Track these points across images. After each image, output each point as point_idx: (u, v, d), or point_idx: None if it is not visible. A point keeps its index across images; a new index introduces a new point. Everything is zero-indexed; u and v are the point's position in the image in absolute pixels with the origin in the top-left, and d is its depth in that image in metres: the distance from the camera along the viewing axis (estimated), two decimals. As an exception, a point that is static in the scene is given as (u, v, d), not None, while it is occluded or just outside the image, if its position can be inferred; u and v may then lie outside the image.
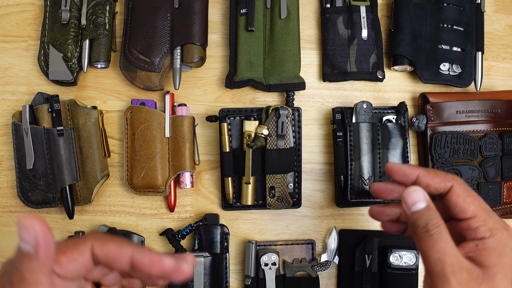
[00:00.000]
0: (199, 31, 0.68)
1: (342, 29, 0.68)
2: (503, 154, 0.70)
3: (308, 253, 0.70)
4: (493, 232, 0.39)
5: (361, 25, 0.69)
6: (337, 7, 0.69)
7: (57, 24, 0.68)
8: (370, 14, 0.70)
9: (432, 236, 0.38)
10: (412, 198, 0.40)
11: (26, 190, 0.66)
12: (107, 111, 0.71)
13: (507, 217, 0.71)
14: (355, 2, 0.68)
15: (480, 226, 0.39)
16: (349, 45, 0.68)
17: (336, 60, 0.67)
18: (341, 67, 0.68)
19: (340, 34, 0.68)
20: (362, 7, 0.69)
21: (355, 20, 0.69)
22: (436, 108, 0.70)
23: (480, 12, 0.74)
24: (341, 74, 0.68)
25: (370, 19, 0.70)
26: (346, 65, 0.68)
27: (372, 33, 0.70)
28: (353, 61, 0.67)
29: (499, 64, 0.77)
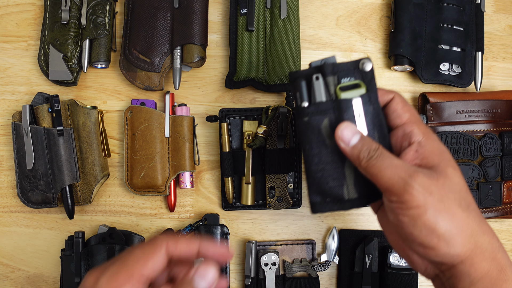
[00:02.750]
0: (199, 31, 0.68)
1: (330, 136, 0.43)
2: (503, 154, 0.70)
3: (308, 253, 0.70)
4: (426, 134, 0.42)
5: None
6: (319, 105, 0.43)
7: (57, 24, 0.68)
8: (368, 107, 0.43)
9: (378, 157, 0.40)
10: (348, 134, 0.41)
11: (26, 190, 0.66)
12: (107, 111, 0.71)
13: (507, 217, 0.72)
14: (344, 94, 0.43)
15: (413, 129, 0.42)
16: (343, 161, 0.44)
17: (327, 185, 0.44)
18: (335, 193, 0.44)
19: (327, 145, 0.43)
20: (356, 100, 0.43)
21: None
22: (436, 108, 0.70)
23: (480, 12, 0.74)
24: (336, 202, 0.45)
25: (370, 114, 0.44)
26: (342, 191, 0.44)
27: (374, 134, 0.44)
28: (351, 183, 0.44)
29: (499, 64, 0.77)
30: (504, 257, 0.39)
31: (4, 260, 0.68)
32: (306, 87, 0.43)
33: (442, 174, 0.39)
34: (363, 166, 0.41)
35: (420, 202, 0.37)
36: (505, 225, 0.74)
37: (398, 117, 0.43)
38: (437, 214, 0.37)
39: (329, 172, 0.43)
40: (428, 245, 0.38)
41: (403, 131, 0.42)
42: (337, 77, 0.43)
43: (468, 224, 0.38)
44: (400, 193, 0.38)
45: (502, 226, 0.74)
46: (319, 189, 0.44)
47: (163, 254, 0.35)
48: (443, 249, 0.37)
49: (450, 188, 0.39)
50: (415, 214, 0.37)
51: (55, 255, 0.69)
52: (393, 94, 0.44)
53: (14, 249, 0.69)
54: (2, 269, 0.68)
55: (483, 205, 0.70)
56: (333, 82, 0.43)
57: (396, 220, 0.39)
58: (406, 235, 0.39)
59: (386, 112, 0.44)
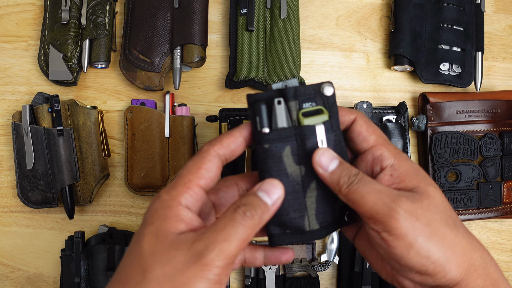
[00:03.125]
0: (199, 31, 0.68)
1: (292, 165, 0.40)
2: (503, 154, 0.70)
3: (308, 253, 0.70)
4: (397, 156, 0.40)
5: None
6: (281, 131, 0.40)
7: (57, 24, 0.68)
8: (331, 134, 0.41)
9: (359, 183, 0.37)
10: (326, 159, 0.39)
11: (26, 190, 0.66)
12: (107, 111, 0.71)
13: (507, 217, 0.72)
14: (307, 120, 0.40)
15: (383, 152, 0.40)
16: (304, 190, 0.41)
17: (288, 216, 0.40)
18: (295, 225, 0.41)
19: (289, 174, 0.40)
20: (319, 127, 0.40)
21: (311, 149, 0.41)
22: (436, 108, 0.70)
23: (480, 12, 0.74)
24: (296, 234, 0.42)
25: (332, 142, 0.41)
26: (303, 222, 0.41)
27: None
28: (312, 214, 0.41)
29: (499, 64, 0.77)
30: (496, 271, 0.38)
31: (4, 260, 0.68)
32: (266, 112, 0.40)
33: (425, 195, 0.37)
34: (343, 193, 0.38)
35: (408, 229, 0.35)
36: (505, 225, 0.74)
37: (364, 140, 0.41)
38: (427, 239, 0.35)
39: (289, 202, 0.40)
40: (425, 272, 0.36)
41: (372, 155, 0.40)
42: (299, 101, 0.40)
43: (459, 243, 0.37)
44: (385, 221, 0.36)
45: (502, 226, 0.74)
46: (278, 220, 0.41)
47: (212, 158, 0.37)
48: (441, 274, 0.36)
49: (436, 209, 0.37)
50: (406, 245, 0.35)
51: (55, 255, 0.69)
52: (355, 114, 0.41)
53: (14, 249, 0.69)
54: (2, 269, 0.68)
55: (483, 205, 0.70)
56: (295, 107, 0.40)
57: (387, 253, 0.37)
58: (401, 265, 0.37)
59: (350, 136, 0.41)
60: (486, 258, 0.38)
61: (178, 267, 0.32)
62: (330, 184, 0.39)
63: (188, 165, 0.37)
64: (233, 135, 0.38)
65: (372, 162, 0.40)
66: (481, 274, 0.37)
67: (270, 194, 0.36)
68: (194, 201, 0.36)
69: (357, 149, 0.41)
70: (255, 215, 0.34)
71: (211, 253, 0.32)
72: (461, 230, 0.38)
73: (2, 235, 0.69)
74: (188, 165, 0.37)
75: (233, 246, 0.32)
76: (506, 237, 0.74)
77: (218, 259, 0.32)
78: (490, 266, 0.38)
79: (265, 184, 0.36)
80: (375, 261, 0.43)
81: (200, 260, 0.32)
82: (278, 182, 0.37)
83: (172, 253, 0.33)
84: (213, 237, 0.33)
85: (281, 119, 0.40)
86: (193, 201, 0.35)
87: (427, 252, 0.35)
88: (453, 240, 0.37)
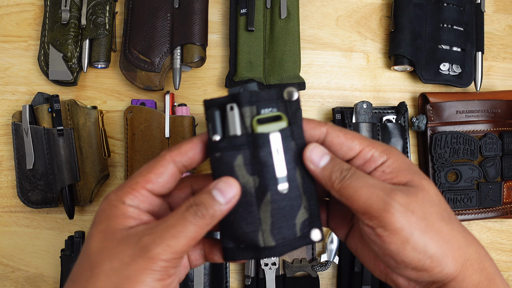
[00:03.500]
0: (199, 31, 0.68)
1: (244, 176, 0.37)
2: (503, 154, 0.70)
3: (308, 253, 0.70)
4: (387, 152, 0.38)
5: (273, 166, 0.37)
6: (233, 139, 0.37)
7: (57, 24, 0.68)
8: (289, 143, 0.38)
9: (351, 177, 0.36)
10: (317, 154, 0.38)
11: (26, 190, 0.66)
12: (107, 111, 0.71)
13: (507, 217, 0.72)
14: (261, 127, 0.37)
15: (373, 153, 0.38)
16: (258, 203, 0.37)
17: (241, 230, 0.37)
18: (249, 240, 0.38)
19: (241, 185, 0.37)
20: (274, 135, 0.37)
21: (265, 159, 0.37)
22: (436, 108, 0.70)
23: (480, 12, 0.74)
24: (250, 250, 0.39)
25: (291, 152, 0.38)
26: (257, 237, 0.38)
27: (295, 174, 0.38)
28: (267, 229, 0.37)
29: (499, 64, 0.77)
30: (491, 265, 0.37)
31: (4, 260, 0.68)
32: (219, 118, 0.37)
33: (419, 188, 0.37)
34: (336, 188, 0.37)
35: (404, 224, 0.34)
36: (505, 225, 0.74)
37: (349, 149, 0.38)
38: (424, 234, 0.35)
39: (242, 215, 0.37)
40: (421, 268, 0.35)
41: (363, 159, 0.38)
42: (256, 107, 0.37)
43: (455, 237, 0.36)
44: (380, 215, 0.35)
45: (502, 226, 0.74)
46: (232, 234, 0.38)
47: (166, 164, 0.36)
48: (437, 269, 0.35)
49: (430, 202, 0.36)
50: (402, 240, 0.35)
51: (55, 255, 0.69)
52: (325, 126, 0.39)
53: (14, 249, 0.69)
54: (2, 269, 0.68)
55: (483, 205, 0.70)
56: (251, 113, 0.37)
57: (382, 250, 0.36)
58: (396, 262, 0.36)
59: (332, 150, 0.39)
60: (481, 252, 0.37)
61: (125, 261, 0.33)
62: (321, 181, 0.38)
63: (142, 168, 0.37)
64: (193, 142, 0.37)
65: (363, 165, 0.39)
66: (477, 269, 0.36)
67: (224, 192, 0.35)
68: (139, 202, 0.36)
69: (344, 159, 0.39)
70: (206, 215, 0.34)
71: (157, 248, 0.32)
72: (456, 224, 0.37)
73: (2, 235, 0.69)
74: (141, 168, 0.37)
75: (181, 243, 0.33)
76: (506, 237, 0.74)
77: (164, 253, 0.32)
78: (486, 261, 0.37)
79: (220, 183, 0.35)
80: (368, 260, 0.42)
81: (146, 254, 0.32)
82: (233, 180, 0.36)
83: (119, 248, 0.34)
84: (161, 232, 0.33)
85: (233, 126, 0.37)
86: (138, 202, 0.36)
87: (423, 247, 0.35)
88: (449, 234, 0.36)
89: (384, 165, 0.38)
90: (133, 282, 0.32)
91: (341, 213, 0.44)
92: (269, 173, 0.37)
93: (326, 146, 0.39)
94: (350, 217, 0.43)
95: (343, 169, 0.37)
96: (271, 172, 0.37)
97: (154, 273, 0.33)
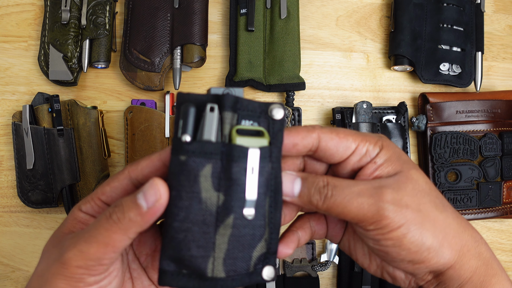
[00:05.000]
0: (199, 31, 0.68)
1: (208, 190, 0.32)
2: (503, 154, 0.70)
3: (308, 253, 0.70)
4: (380, 144, 0.37)
5: (244, 186, 0.33)
6: (205, 144, 0.32)
7: (57, 24, 0.68)
8: (266, 164, 0.34)
9: (333, 194, 0.34)
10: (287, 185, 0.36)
11: (26, 190, 0.66)
12: (107, 111, 0.71)
13: (507, 217, 0.72)
14: (241, 139, 0.33)
15: (368, 146, 0.37)
16: (217, 225, 0.32)
17: (188, 252, 0.32)
18: (195, 265, 0.33)
19: (202, 200, 0.32)
20: (253, 151, 0.33)
21: (237, 176, 0.32)
22: (436, 108, 0.70)
23: (480, 12, 0.74)
24: (193, 277, 0.33)
25: (266, 174, 0.34)
26: (206, 264, 0.32)
27: (264, 201, 0.34)
28: (220, 257, 0.33)
29: (499, 64, 0.77)
30: (487, 250, 0.37)
31: (4, 260, 0.68)
32: (194, 117, 0.33)
33: (408, 179, 0.36)
34: (322, 209, 0.35)
35: (401, 221, 0.34)
36: (505, 225, 0.74)
37: (346, 148, 0.37)
38: (420, 226, 0.34)
39: (194, 235, 0.32)
40: (418, 261, 0.35)
41: (359, 155, 0.37)
42: (238, 116, 0.33)
43: (450, 225, 0.36)
44: (376, 221, 0.34)
45: (502, 226, 0.74)
46: (176, 255, 0.32)
47: (122, 179, 0.36)
48: (434, 259, 0.35)
49: (422, 192, 0.36)
50: (399, 235, 0.34)
51: (55, 255, 0.69)
52: (315, 130, 0.36)
53: (14, 249, 0.69)
54: (2, 269, 0.68)
55: (483, 205, 0.70)
56: (231, 120, 0.33)
57: (378, 245, 0.36)
58: (392, 256, 0.36)
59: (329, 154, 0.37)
60: (476, 236, 0.37)
61: (49, 263, 0.33)
62: (304, 207, 0.37)
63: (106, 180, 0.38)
64: (150, 159, 0.35)
65: (359, 160, 0.38)
66: (473, 255, 0.36)
67: (147, 196, 0.31)
68: (94, 211, 0.36)
69: (341, 158, 0.38)
70: (122, 219, 0.31)
71: (69, 253, 0.32)
72: (450, 211, 0.37)
73: (3, 235, 0.69)
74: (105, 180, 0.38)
75: (93, 249, 0.31)
76: (506, 237, 0.74)
77: (76, 259, 0.31)
78: (481, 245, 0.37)
79: (146, 185, 0.31)
80: (362, 257, 0.42)
81: (60, 258, 0.32)
82: (161, 182, 0.31)
83: (51, 251, 0.34)
84: (78, 237, 0.33)
85: (209, 130, 0.32)
86: (92, 210, 0.36)
87: (420, 240, 0.34)
88: (444, 222, 0.36)
89: (377, 157, 0.37)
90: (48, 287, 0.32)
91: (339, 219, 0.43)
92: (238, 193, 0.32)
93: (321, 151, 0.37)
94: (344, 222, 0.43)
95: (320, 187, 0.35)
96: (240, 192, 0.32)
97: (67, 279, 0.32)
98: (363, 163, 0.37)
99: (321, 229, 0.43)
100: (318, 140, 0.37)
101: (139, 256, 0.40)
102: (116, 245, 0.32)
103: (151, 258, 0.40)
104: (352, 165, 0.38)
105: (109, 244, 0.31)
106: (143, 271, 0.40)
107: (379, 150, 0.37)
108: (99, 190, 0.37)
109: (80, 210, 0.36)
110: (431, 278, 0.38)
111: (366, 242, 0.37)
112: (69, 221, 0.36)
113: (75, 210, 0.37)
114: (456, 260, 0.36)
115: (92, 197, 0.37)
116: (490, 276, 0.36)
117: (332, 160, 0.38)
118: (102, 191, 0.36)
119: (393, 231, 0.34)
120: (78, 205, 0.37)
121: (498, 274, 0.36)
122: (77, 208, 0.37)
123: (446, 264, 0.36)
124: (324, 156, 0.37)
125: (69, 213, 0.37)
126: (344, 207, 0.34)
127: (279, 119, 0.34)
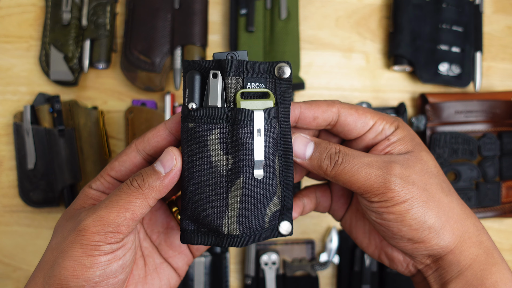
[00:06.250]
0: (200, 31, 0.68)
1: (217, 153, 0.33)
2: (501, 154, 0.71)
3: (308, 252, 0.70)
4: (396, 124, 0.38)
5: (252, 148, 0.33)
6: (211, 110, 0.33)
7: (58, 24, 0.68)
8: (273, 125, 0.34)
9: (343, 161, 0.35)
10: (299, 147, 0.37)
11: (27, 190, 0.66)
12: (108, 112, 0.71)
13: (505, 216, 0.72)
14: (245, 103, 0.33)
15: (384, 124, 0.38)
16: (228, 186, 0.34)
17: (204, 212, 0.34)
18: (211, 224, 0.35)
19: (213, 163, 0.33)
20: (258, 114, 0.33)
21: (243, 139, 0.33)
22: (435, 108, 0.71)
23: (479, 13, 0.74)
24: (211, 235, 0.35)
25: (274, 135, 0.34)
26: (221, 223, 0.34)
27: (274, 160, 0.35)
28: (233, 216, 0.34)
29: (498, 65, 0.77)
30: (488, 239, 0.37)
31: (5, 259, 0.69)
32: (199, 84, 0.33)
33: (418, 159, 0.36)
34: (330, 175, 0.36)
35: (406, 196, 0.34)
36: (504, 225, 0.75)
37: (364, 124, 0.38)
38: (424, 204, 0.35)
39: (208, 196, 0.34)
40: (418, 239, 0.35)
41: (375, 132, 0.38)
42: (243, 79, 0.33)
43: (454, 209, 0.36)
44: (381, 192, 0.34)
45: (501, 226, 0.75)
46: (193, 215, 0.35)
47: (130, 152, 0.37)
48: (434, 240, 0.35)
49: (429, 173, 0.36)
50: (402, 209, 0.34)
51: (56, 255, 0.69)
52: (335, 106, 0.37)
53: (15, 249, 0.69)
54: (3, 268, 0.69)
55: (482, 205, 0.70)
56: (235, 85, 0.33)
57: (380, 219, 0.36)
58: (393, 232, 0.36)
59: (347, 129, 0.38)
60: (478, 226, 0.37)
61: (64, 235, 0.34)
62: (313, 171, 0.37)
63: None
64: (156, 129, 0.37)
65: (375, 137, 0.38)
66: (474, 242, 0.36)
67: (163, 162, 0.34)
68: (104, 187, 0.37)
69: (358, 134, 0.39)
70: (142, 185, 0.33)
71: (87, 219, 0.33)
72: (455, 196, 0.37)
73: (4, 234, 0.69)
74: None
75: (113, 213, 0.33)
76: (505, 236, 0.74)
77: (94, 224, 0.32)
78: (483, 235, 0.37)
79: (163, 153, 0.34)
80: (362, 236, 0.42)
81: (77, 226, 0.33)
82: (175, 149, 0.34)
83: (65, 224, 0.35)
84: (96, 206, 0.34)
85: (214, 96, 0.32)
86: (104, 187, 0.37)
87: (422, 217, 0.35)
88: (448, 206, 0.36)
89: (391, 135, 0.38)
90: (64, 256, 0.32)
91: (343, 192, 0.43)
92: (246, 155, 0.33)
93: (340, 126, 0.38)
94: (349, 195, 0.43)
95: (332, 154, 0.36)
96: (249, 154, 0.33)
97: (83, 247, 0.32)
98: (377, 141, 0.38)
99: (325, 201, 0.43)
100: (338, 115, 0.37)
101: (150, 234, 0.41)
102: (136, 211, 0.33)
103: (164, 236, 0.41)
104: (366, 142, 0.39)
105: (129, 209, 0.33)
106: (155, 249, 0.41)
107: (395, 129, 0.38)
108: (108, 167, 0.38)
109: (91, 188, 0.37)
110: (430, 262, 0.38)
111: (369, 215, 0.37)
112: (80, 198, 0.37)
113: (85, 188, 0.38)
114: (456, 245, 0.36)
115: (101, 175, 0.38)
116: (491, 264, 0.36)
117: (349, 135, 0.38)
118: (111, 167, 0.38)
119: (397, 205, 0.35)
120: (88, 184, 0.38)
121: (498, 263, 0.36)
122: (88, 186, 0.38)
123: (446, 248, 0.36)
124: (342, 131, 0.38)
125: (80, 191, 0.38)
126: (352, 175, 0.35)
127: (285, 78, 0.35)
